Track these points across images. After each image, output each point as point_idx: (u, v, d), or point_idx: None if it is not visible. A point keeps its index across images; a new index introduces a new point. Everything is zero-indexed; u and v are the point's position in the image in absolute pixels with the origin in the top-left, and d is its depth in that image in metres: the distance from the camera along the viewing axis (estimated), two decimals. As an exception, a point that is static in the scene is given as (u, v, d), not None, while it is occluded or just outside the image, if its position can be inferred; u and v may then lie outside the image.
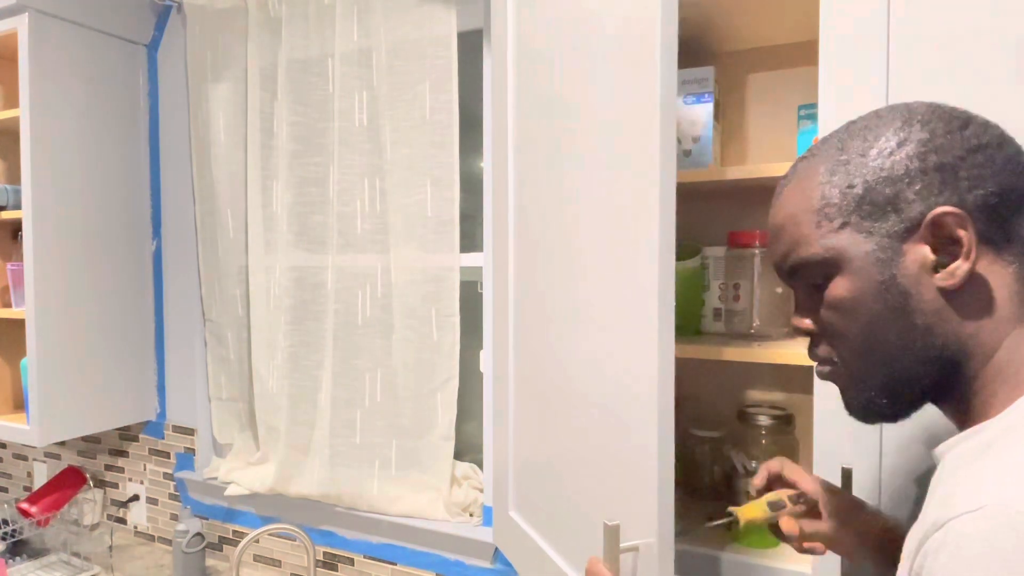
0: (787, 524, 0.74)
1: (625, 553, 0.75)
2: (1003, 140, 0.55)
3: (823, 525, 0.74)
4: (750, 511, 0.75)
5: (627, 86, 0.77)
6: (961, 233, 0.52)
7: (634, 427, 0.77)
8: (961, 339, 0.54)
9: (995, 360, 0.54)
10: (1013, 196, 0.53)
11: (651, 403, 0.73)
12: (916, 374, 0.57)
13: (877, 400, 0.59)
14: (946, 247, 0.53)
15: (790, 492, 0.76)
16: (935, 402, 0.59)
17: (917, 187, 0.54)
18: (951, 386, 0.56)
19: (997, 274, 0.53)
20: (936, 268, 0.54)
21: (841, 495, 0.76)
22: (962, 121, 0.55)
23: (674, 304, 0.73)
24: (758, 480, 0.79)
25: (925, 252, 0.54)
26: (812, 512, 0.76)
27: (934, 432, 0.64)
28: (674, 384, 0.73)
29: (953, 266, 0.53)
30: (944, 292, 0.54)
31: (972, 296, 0.54)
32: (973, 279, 0.53)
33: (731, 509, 0.76)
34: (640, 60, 0.74)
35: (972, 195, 0.52)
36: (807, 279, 0.60)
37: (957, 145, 0.53)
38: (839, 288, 0.57)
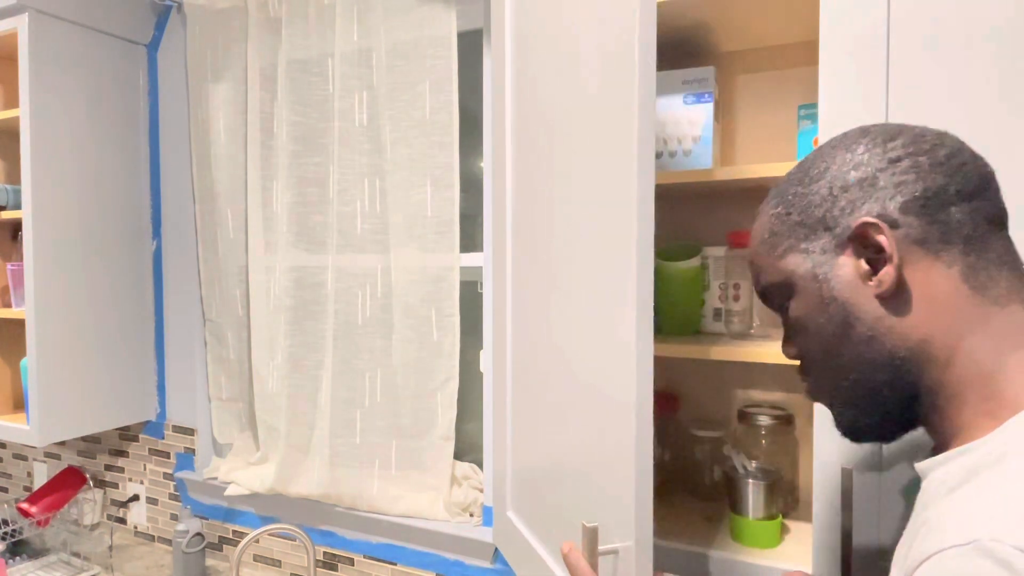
0: None
1: (605, 556, 0.74)
2: (937, 144, 0.55)
3: None
4: None
5: (607, 87, 0.77)
6: (881, 239, 0.54)
7: (614, 430, 0.76)
8: (909, 345, 0.54)
9: (955, 367, 0.53)
10: (943, 195, 0.53)
11: (629, 406, 0.72)
12: (875, 384, 0.57)
13: (852, 416, 0.61)
14: (874, 256, 0.55)
15: None
16: (920, 423, 0.58)
17: (841, 204, 0.57)
18: (919, 398, 0.56)
19: (936, 276, 0.53)
20: (870, 278, 0.55)
21: None
22: (888, 135, 0.57)
23: (652, 307, 0.72)
24: None
25: (856, 263, 0.56)
26: None
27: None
28: (652, 387, 0.72)
29: (881, 273, 0.54)
30: (882, 300, 0.55)
31: (908, 301, 0.54)
32: (908, 283, 0.54)
33: None
34: (619, 62, 0.74)
35: (894, 202, 0.54)
36: (776, 304, 0.64)
37: (877, 159, 0.56)
38: (794, 309, 0.61)
